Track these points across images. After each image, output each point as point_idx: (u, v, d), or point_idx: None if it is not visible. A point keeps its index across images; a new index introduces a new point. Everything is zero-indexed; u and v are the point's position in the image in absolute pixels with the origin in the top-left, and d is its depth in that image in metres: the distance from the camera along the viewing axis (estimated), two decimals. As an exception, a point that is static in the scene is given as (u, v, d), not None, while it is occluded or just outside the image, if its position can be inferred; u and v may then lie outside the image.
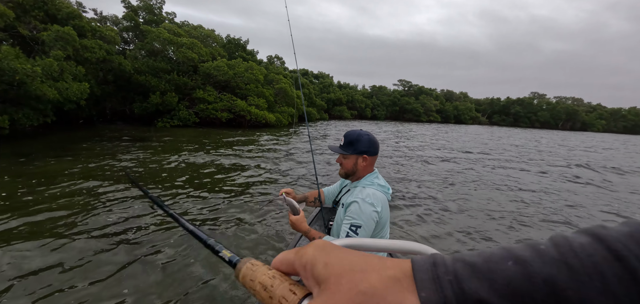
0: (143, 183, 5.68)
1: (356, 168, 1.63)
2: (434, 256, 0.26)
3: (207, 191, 5.47)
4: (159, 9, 22.71)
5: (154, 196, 1.12)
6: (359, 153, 1.61)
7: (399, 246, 0.79)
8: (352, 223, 1.47)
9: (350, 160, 1.63)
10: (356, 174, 1.65)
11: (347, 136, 1.64)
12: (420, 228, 4.46)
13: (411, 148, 14.56)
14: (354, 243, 0.81)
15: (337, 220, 1.67)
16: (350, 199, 1.56)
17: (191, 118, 18.03)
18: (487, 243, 4.14)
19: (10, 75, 8.63)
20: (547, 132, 49.66)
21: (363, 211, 1.47)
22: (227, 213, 4.48)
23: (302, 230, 1.53)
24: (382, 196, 1.57)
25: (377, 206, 1.50)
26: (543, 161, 12.92)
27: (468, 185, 7.40)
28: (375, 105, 60.96)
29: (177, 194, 5.20)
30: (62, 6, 13.26)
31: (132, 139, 11.30)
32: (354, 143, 1.61)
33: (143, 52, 19.14)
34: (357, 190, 1.59)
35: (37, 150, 8.10)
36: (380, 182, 1.64)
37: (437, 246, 3.93)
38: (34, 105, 10.15)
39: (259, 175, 7.00)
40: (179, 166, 7.35)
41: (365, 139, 1.61)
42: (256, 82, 21.45)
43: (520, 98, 79.16)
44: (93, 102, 15.04)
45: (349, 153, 1.62)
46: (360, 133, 1.63)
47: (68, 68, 11.18)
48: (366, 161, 1.62)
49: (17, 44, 11.42)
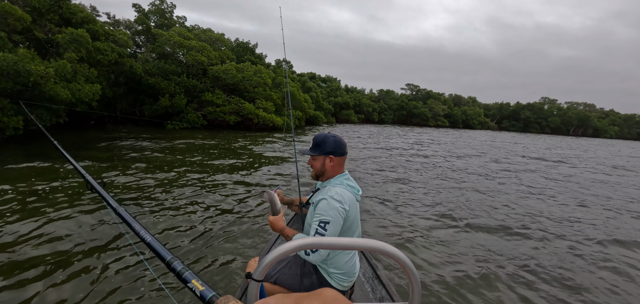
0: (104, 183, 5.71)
1: (324, 169, 1.72)
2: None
3: (203, 189, 5.50)
4: (170, 13, 23.09)
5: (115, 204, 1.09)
6: (325, 154, 1.70)
7: (365, 244, 0.80)
8: (320, 219, 1.51)
9: (319, 160, 1.72)
10: (325, 174, 1.73)
11: (315, 139, 1.75)
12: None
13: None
14: (322, 242, 0.81)
15: (307, 219, 1.74)
16: (319, 197, 1.62)
17: (199, 121, 18.21)
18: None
19: (25, 76, 8.85)
20: (565, 139, 48.78)
21: (331, 207, 1.52)
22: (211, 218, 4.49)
23: (278, 228, 1.68)
24: (350, 196, 1.63)
25: (344, 203, 1.56)
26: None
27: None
28: (383, 109, 60.72)
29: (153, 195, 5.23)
30: (77, 10, 13.57)
31: (137, 139, 11.46)
32: (320, 145, 1.71)
33: (154, 55, 19.46)
34: (326, 189, 1.65)
35: (48, 151, 8.27)
36: (350, 183, 1.71)
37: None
38: (47, 106, 10.39)
39: (253, 177, 7.02)
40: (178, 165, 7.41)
41: (331, 140, 1.70)
42: (264, 86, 21.58)
43: (531, 103, 77.93)
44: (104, 103, 15.32)
45: (317, 154, 1.71)
46: (327, 136, 1.72)
47: (81, 70, 11.42)
48: (333, 162, 1.70)
49: (32, 46, 11.72)
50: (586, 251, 4.23)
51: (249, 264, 1.86)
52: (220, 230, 3.97)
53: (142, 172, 6.57)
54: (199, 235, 3.79)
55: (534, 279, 3.41)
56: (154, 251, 0.70)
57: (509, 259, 3.82)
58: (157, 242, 0.80)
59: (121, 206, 1.10)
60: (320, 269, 1.73)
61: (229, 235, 3.85)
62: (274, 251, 0.79)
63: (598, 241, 4.62)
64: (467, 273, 3.41)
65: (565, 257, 4.02)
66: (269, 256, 0.79)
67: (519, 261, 3.79)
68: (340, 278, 1.71)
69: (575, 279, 3.48)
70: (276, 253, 0.79)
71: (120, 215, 1.00)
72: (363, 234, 4.28)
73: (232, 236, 3.84)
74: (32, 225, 3.62)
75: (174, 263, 0.69)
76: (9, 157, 7.15)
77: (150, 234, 0.86)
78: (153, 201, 4.82)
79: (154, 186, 5.61)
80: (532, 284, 3.30)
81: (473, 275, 3.38)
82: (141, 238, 0.79)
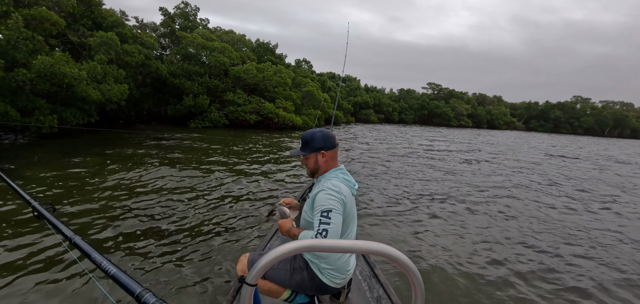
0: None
1: (318, 165, 1.71)
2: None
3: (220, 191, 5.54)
4: (194, 16, 23.72)
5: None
6: (316, 150, 1.68)
7: (364, 247, 0.72)
8: (322, 210, 1.46)
9: (311, 158, 1.71)
10: (319, 170, 1.72)
11: (303, 137, 1.74)
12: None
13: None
14: (321, 244, 0.75)
15: (303, 213, 1.72)
16: (316, 190, 1.60)
17: (221, 120, 18.58)
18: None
19: (60, 78, 9.34)
20: (600, 140, 46.04)
21: (330, 196, 1.50)
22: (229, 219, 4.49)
23: (285, 230, 1.71)
24: (346, 188, 1.61)
25: (342, 193, 1.54)
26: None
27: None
28: (403, 108, 59.62)
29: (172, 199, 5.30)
30: (107, 15, 14.20)
31: (160, 139, 11.82)
32: (309, 143, 1.70)
33: (178, 57, 20.05)
34: (321, 182, 1.64)
35: (82, 147, 8.68)
36: (345, 176, 1.69)
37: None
38: (80, 106, 10.93)
39: (275, 177, 7.01)
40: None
41: (319, 136, 1.69)
42: (284, 85, 21.72)
43: (561, 102, 74.01)
44: (132, 103, 15.94)
45: (307, 152, 1.70)
46: (314, 132, 1.71)
47: (110, 71, 11.92)
48: (325, 157, 1.69)
49: (67, 49, 12.37)
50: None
51: (240, 261, 1.81)
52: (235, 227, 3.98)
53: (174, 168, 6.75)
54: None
55: (552, 286, 3.18)
56: (121, 285, 0.63)
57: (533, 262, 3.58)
58: (124, 273, 0.72)
59: (77, 235, 0.99)
60: (312, 265, 1.70)
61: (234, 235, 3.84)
62: (270, 254, 0.73)
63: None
64: (481, 275, 3.22)
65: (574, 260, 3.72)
66: (264, 259, 0.73)
67: (540, 266, 3.54)
68: (332, 275, 1.66)
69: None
70: (271, 256, 0.72)
71: (77, 244, 0.90)
72: (365, 235, 4.16)
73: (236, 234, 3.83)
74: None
75: (145, 296, 0.61)
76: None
77: (114, 265, 0.79)
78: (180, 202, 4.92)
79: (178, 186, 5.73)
80: (546, 291, 3.07)
81: (486, 277, 3.19)
82: (103, 270, 0.71)
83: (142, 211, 4.28)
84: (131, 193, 4.98)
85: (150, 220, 4.02)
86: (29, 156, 7.33)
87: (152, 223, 3.95)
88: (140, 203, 4.56)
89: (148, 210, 4.34)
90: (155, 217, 4.12)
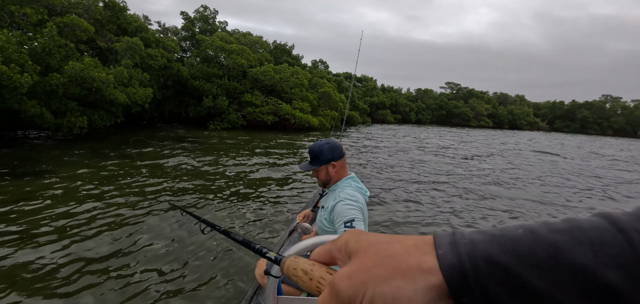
0: (190, 200, 6.02)
1: (329, 176, 1.75)
2: (454, 231, 0.29)
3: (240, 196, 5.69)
4: (213, 19, 24.33)
5: (205, 219, 1.14)
6: (326, 162, 1.73)
7: None
8: (345, 221, 1.50)
9: (322, 171, 1.75)
10: (331, 180, 1.76)
11: (311, 151, 1.77)
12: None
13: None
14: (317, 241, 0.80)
15: (318, 223, 1.76)
16: (331, 202, 1.64)
17: (240, 121, 18.97)
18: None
19: (89, 82, 9.84)
20: (635, 142, 43.69)
21: (350, 205, 1.55)
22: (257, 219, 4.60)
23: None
24: (360, 196, 1.65)
25: (359, 201, 1.59)
26: None
27: None
28: (420, 108, 58.70)
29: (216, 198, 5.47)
30: (132, 20, 14.82)
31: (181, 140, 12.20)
32: (318, 156, 1.74)
33: (198, 59, 20.63)
34: (337, 192, 1.67)
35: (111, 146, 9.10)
36: (358, 184, 1.75)
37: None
38: (107, 108, 11.47)
39: (293, 182, 7.10)
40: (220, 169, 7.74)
41: (327, 148, 1.74)
42: (301, 86, 21.91)
43: (588, 101, 70.72)
44: (155, 105, 16.54)
45: (317, 166, 1.74)
46: (321, 145, 1.75)
47: (135, 75, 12.44)
48: (336, 167, 1.74)
49: (95, 54, 13.00)
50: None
51: (258, 265, 1.87)
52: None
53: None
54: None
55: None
56: (244, 244, 0.80)
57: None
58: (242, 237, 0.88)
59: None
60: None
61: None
62: (301, 244, 0.78)
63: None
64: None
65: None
66: (298, 246, 0.78)
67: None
68: None
69: None
70: (303, 245, 0.77)
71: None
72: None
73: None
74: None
75: (254, 244, 0.77)
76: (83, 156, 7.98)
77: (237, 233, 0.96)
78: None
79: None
80: None
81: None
82: (237, 240, 0.88)
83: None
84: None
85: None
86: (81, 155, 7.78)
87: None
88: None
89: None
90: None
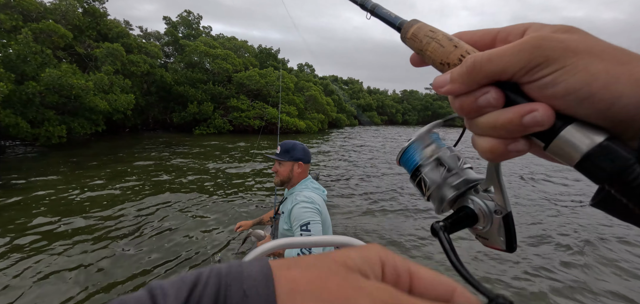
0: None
1: (292, 175, 1.75)
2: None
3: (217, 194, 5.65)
4: (197, 24, 24.06)
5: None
6: (295, 159, 1.73)
7: (331, 240, 0.79)
8: (301, 224, 1.51)
9: (286, 166, 1.74)
10: (291, 181, 1.76)
11: (284, 145, 1.78)
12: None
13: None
14: (294, 242, 0.82)
15: (280, 228, 1.76)
16: (289, 206, 1.64)
17: (226, 126, 18.77)
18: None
19: (67, 90, 9.57)
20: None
21: (306, 208, 1.55)
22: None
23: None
24: (318, 197, 1.67)
25: (315, 202, 1.60)
26: None
27: None
28: (406, 110, 59.67)
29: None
30: (113, 26, 14.50)
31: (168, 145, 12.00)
32: (290, 151, 1.74)
33: (182, 65, 20.35)
34: (294, 196, 1.67)
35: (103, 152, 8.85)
36: (314, 185, 1.76)
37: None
38: (87, 116, 11.16)
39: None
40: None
41: (300, 148, 1.76)
42: (287, 90, 21.91)
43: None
44: (138, 111, 16.19)
45: (286, 160, 1.73)
46: (296, 143, 1.77)
47: (117, 81, 12.17)
48: (301, 168, 1.75)
49: (74, 61, 12.65)
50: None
51: None
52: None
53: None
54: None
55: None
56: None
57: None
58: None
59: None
60: None
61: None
62: (256, 250, 0.79)
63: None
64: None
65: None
66: (252, 254, 0.77)
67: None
68: None
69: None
70: (259, 251, 0.78)
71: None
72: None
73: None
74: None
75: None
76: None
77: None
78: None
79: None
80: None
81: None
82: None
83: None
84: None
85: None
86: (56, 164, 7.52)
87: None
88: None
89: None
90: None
